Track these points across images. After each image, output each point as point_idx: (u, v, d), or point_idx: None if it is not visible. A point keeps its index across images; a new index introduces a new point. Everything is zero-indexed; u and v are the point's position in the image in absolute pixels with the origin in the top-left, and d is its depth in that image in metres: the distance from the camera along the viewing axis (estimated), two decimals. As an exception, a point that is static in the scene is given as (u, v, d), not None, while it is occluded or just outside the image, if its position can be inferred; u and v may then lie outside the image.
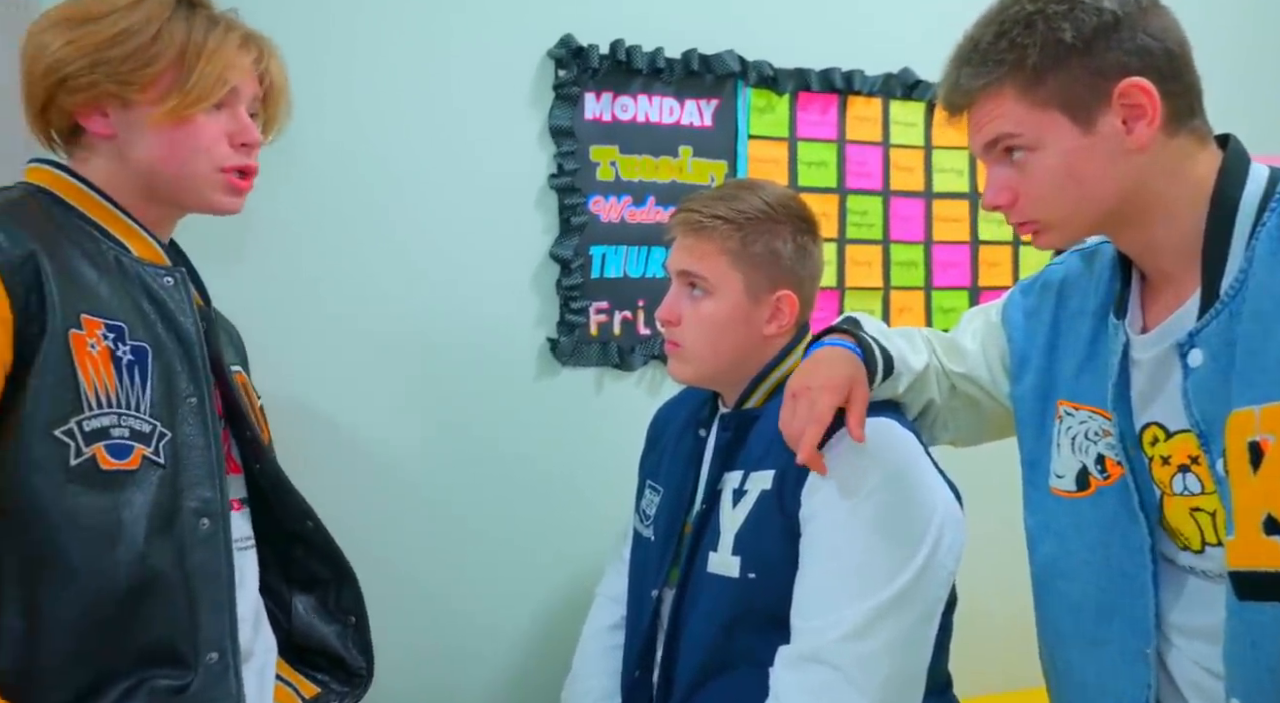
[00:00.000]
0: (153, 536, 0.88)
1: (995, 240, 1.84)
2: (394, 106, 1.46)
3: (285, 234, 1.41)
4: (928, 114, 1.77)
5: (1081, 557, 0.99)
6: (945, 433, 1.18)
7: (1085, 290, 1.03)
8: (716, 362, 1.15)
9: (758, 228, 1.13)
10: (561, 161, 1.53)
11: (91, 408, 0.85)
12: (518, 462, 1.54)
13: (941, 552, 1.01)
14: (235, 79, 0.94)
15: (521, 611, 1.57)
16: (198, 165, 0.94)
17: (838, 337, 1.08)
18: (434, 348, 1.49)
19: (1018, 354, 1.09)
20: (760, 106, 1.66)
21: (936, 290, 1.81)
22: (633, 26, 1.56)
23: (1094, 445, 0.98)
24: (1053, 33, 0.86)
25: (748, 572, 1.07)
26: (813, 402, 1.00)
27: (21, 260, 0.82)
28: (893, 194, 1.77)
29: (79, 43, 0.88)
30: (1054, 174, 0.89)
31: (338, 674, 1.10)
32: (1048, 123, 0.88)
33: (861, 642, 0.98)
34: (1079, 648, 0.99)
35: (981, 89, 0.89)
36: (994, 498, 1.28)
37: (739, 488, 1.12)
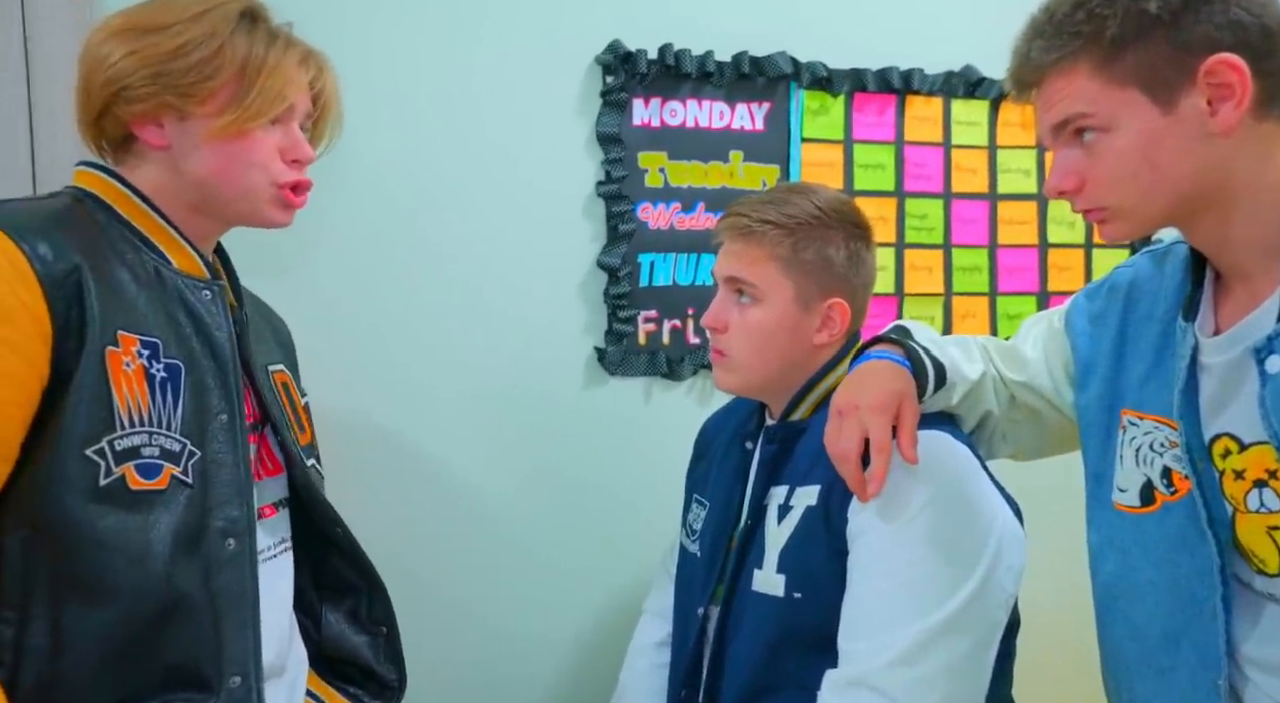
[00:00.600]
0: (179, 556, 0.87)
1: (1065, 244, 1.78)
2: (441, 116, 1.47)
3: (333, 243, 1.43)
4: (992, 113, 1.72)
5: (1146, 577, 0.95)
6: (1005, 446, 1.14)
7: (1155, 293, 0.99)
8: (764, 371, 1.12)
9: (809, 233, 1.10)
10: (609, 169, 1.52)
11: (124, 427, 0.84)
12: (564, 473, 1.54)
13: (1000, 572, 0.97)
14: (294, 96, 0.94)
15: (567, 625, 1.56)
16: (252, 180, 0.94)
17: (884, 347, 1.04)
18: (480, 358, 1.50)
19: (1082, 362, 1.05)
20: (814, 108, 1.63)
21: (1002, 296, 1.76)
22: (682, 30, 1.54)
23: (1160, 458, 0.93)
24: (1136, 3, 0.81)
25: (793, 591, 1.05)
26: (863, 423, 0.96)
27: (65, 274, 0.82)
28: (955, 196, 1.72)
29: (141, 54, 0.88)
30: (1127, 157, 0.84)
31: (369, 687, 1.09)
32: (1124, 101, 0.83)
33: (912, 667, 0.94)
34: (1144, 676, 0.95)
35: (1054, 64, 0.84)
36: (1057, 515, 1.22)
37: (784, 503, 1.09)
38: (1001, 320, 1.74)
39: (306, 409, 1.12)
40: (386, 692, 1.10)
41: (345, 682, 1.09)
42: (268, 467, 1.02)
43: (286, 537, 1.04)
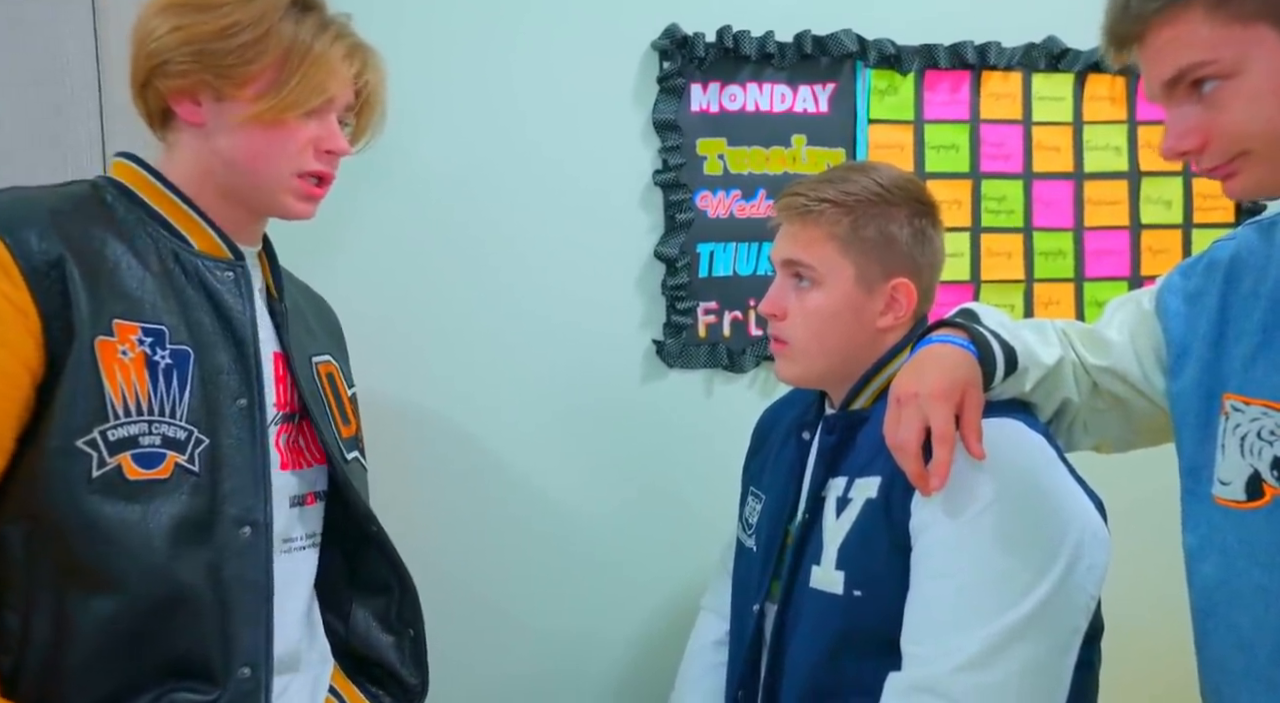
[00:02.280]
0: (183, 546, 0.86)
1: (1161, 224, 1.70)
2: (495, 107, 1.47)
3: (389, 238, 1.44)
4: (1077, 87, 1.65)
5: (1254, 581, 0.88)
6: (1087, 438, 1.08)
7: (1262, 268, 0.92)
8: (826, 359, 1.09)
9: (869, 210, 1.06)
10: (666, 156, 1.50)
11: (118, 417, 0.83)
12: (622, 470, 1.53)
13: (1079, 573, 0.92)
14: (334, 89, 0.93)
15: (624, 625, 1.55)
16: (278, 168, 0.93)
17: (948, 332, 0.99)
18: (535, 352, 1.50)
19: (1176, 345, 0.98)
20: (881, 88, 1.59)
21: (1089, 281, 1.68)
22: (740, 11, 1.51)
23: (1269, 448, 0.87)
24: None
25: (853, 589, 1.01)
26: (923, 411, 0.92)
27: (50, 265, 0.81)
28: (1036, 176, 1.66)
29: (187, 30, 0.88)
30: (1260, 99, 0.77)
31: (391, 687, 1.09)
32: (1251, 40, 0.76)
33: (981, 673, 0.90)
34: (1252, 691, 0.89)
35: (1160, 12, 0.78)
36: (1150, 515, 1.15)
37: (843, 496, 1.05)
38: (1089, 307, 1.67)
39: (353, 400, 1.11)
40: (408, 694, 1.09)
41: (368, 681, 1.09)
42: (313, 456, 1.01)
43: (318, 532, 1.03)
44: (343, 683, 1.06)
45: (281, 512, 0.97)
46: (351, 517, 1.04)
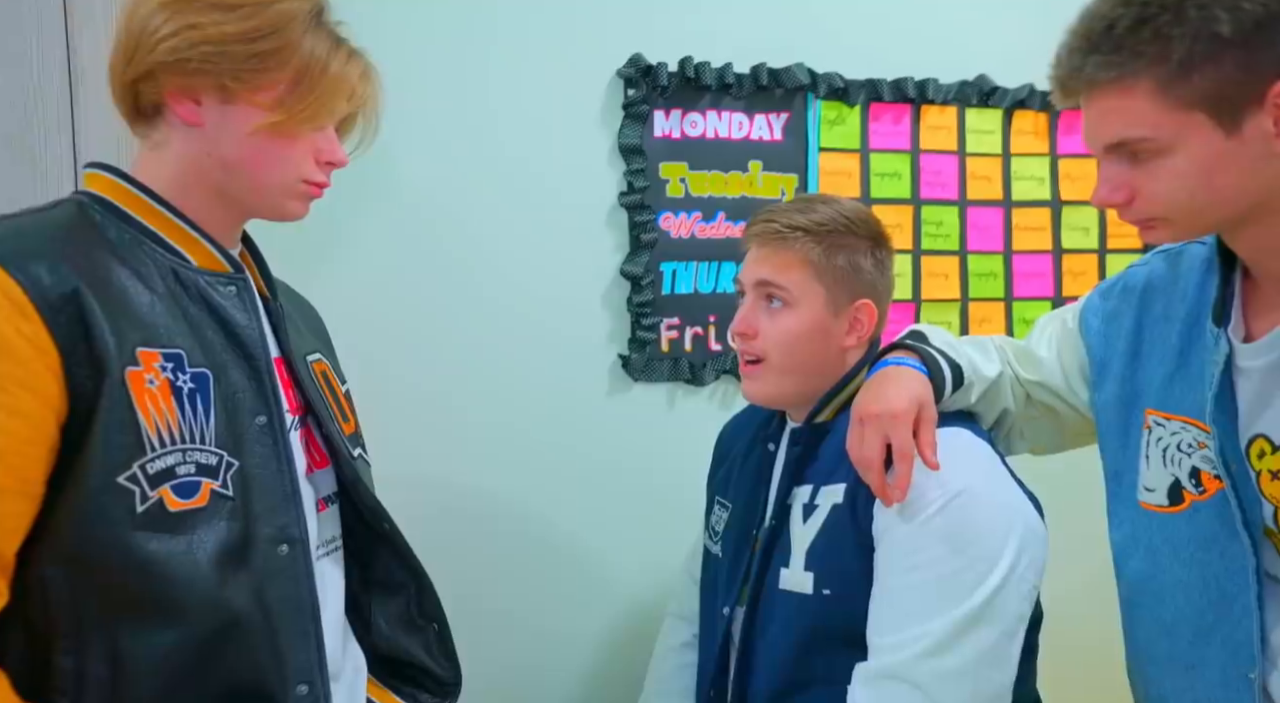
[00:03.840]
0: (228, 572, 0.84)
1: (1079, 248, 1.79)
2: (467, 130, 1.47)
3: (363, 253, 1.43)
4: (1005, 121, 1.73)
5: (1175, 575, 0.94)
6: (1022, 443, 1.14)
7: (1171, 294, 0.98)
8: (795, 377, 1.12)
9: (838, 240, 1.10)
10: (631, 179, 1.53)
11: (154, 449, 0.80)
12: (589, 479, 1.54)
13: (1022, 565, 0.98)
14: (346, 109, 0.91)
15: (593, 628, 1.56)
16: (282, 175, 0.90)
17: (901, 354, 1.04)
18: (505, 366, 1.50)
19: (1097, 361, 1.04)
20: (831, 118, 1.64)
21: (1018, 301, 1.76)
22: (701, 43, 1.55)
23: (1188, 459, 0.92)
24: (1207, 24, 0.76)
25: (822, 588, 1.05)
26: (884, 430, 0.97)
27: (65, 299, 0.77)
28: (970, 204, 1.73)
29: (204, 30, 0.83)
30: (1185, 178, 0.81)
31: (427, 684, 1.07)
32: (1187, 124, 0.79)
33: (942, 659, 0.95)
34: (1173, 672, 0.95)
35: (1112, 82, 0.80)
36: (1074, 512, 1.22)
37: (809, 503, 1.09)
38: (1017, 325, 1.74)
39: (348, 397, 1.08)
40: (444, 688, 1.07)
41: (402, 682, 1.07)
42: (315, 460, 0.98)
43: (338, 536, 1.01)
44: (378, 692, 1.04)
45: (311, 521, 0.94)
46: (361, 517, 1.01)
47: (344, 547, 1.02)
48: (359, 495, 0.99)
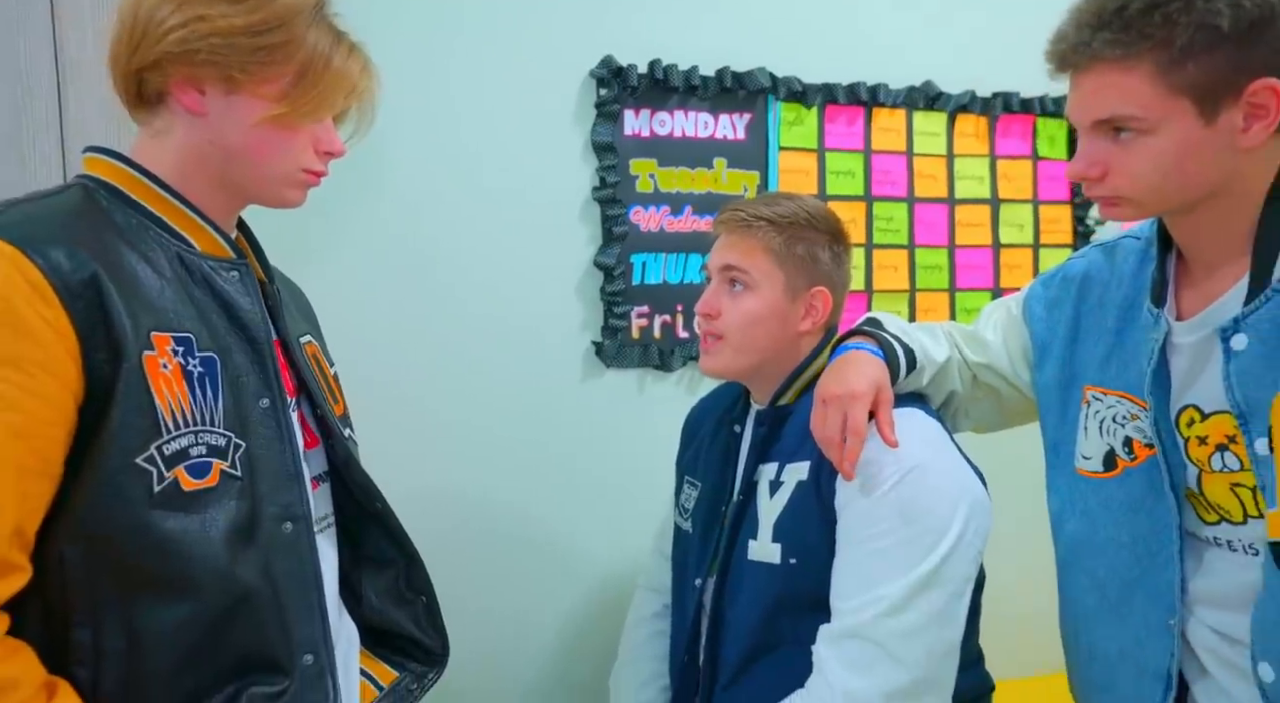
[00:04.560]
0: (238, 549, 0.84)
1: (1016, 244, 1.85)
2: (448, 127, 1.49)
3: (350, 244, 1.44)
4: (949, 124, 1.79)
5: (1108, 534, 0.98)
6: (967, 421, 1.18)
7: (1107, 284, 1.03)
8: (751, 355, 1.15)
9: (799, 232, 1.14)
10: (604, 175, 1.55)
11: (169, 430, 0.79)
12: (564, 458, 1.56)
13: (969, 532, 1.02)
14: (347, 103, 0.91)
15: (566, 601, 1.58)
16: (283, 164, 0.89)
17: (859, 340, 1.08)
18: (485, 353, 1.52)
19: (1039, 344, 1.09)
20: (790, 120, 1.68)
21: (960, 292, 1.82)
22: (669, 47, 1.58)
23: (1122, 429, 0.97)
24: (1210, 17, 0.78)
25: (789, 558, 1.08)
26: (845, 409, 1.00)
27: (83, 284, 0.76)
28: (917, 201, 1.78)
29: (213, 22, 0.82)
30: (1161, 159, 0.84)
31: (416, 654, 1.08)
32: (1174, 109, 0.82)
33: (899, 618, 0.99)
34: (1103, 623, 0.99)
35: (1116, 59, 0.82)
36: (1017, 491, 1.28)
37: (775, 479, 1.12)
38: (960, 314, 1.81)
39: (336, 379, 1.08)
40: (432, 657, 1.08)
41: (392, 652, 1.07)
42: (307, 440, 0.97)
43: (330, 513, 1.00)
44: (370, 663, 1.05)
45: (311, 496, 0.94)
46: (352, 495, 1.01)
47: (338, 523, 1.02)
48: (350, 474, 0.99)
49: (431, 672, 1.07)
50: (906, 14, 1.75)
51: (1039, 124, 1.87)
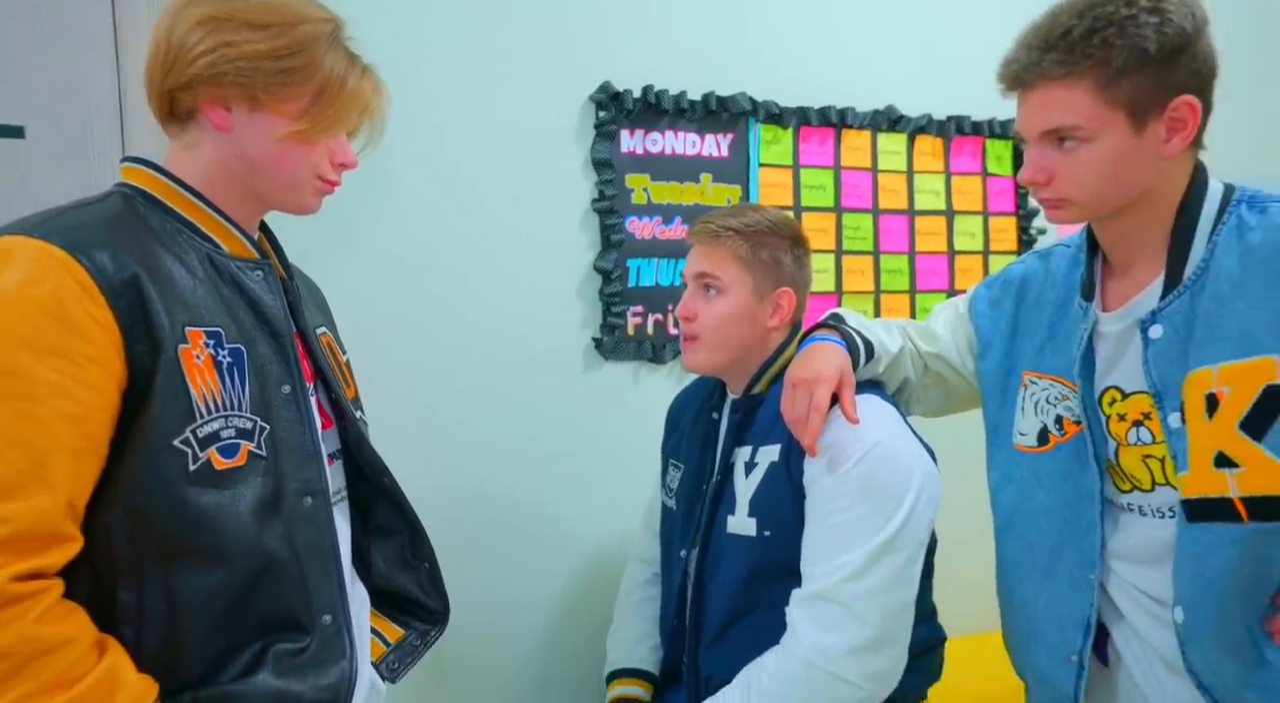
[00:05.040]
0: (264, 521, 0.87)
1: (968, 250, 1.95)
2: (464, 144, 1.54)
3: (373, 249, 1.49)
4: (909, 144, 1.87)
5: (1039, 502, 1.04)
6: (918, 406, 1.24)
7: (1043, 284, 1.09)
8: (726, 352, 1.20)
9: (763, 239, 1.19)
10: (602, 188, 1.62)
11: (202, 415, 0.83)
12: (567, 442, 1.62)
13: (922, 503, 1.08)
14: (361, 120, 0.94)
15: (564, 573, 1.63)
16: (300, 174, 0.92)
17: (824, 332, 1.14)
18: (496, 347, 1.57)
19: (983, 338, 1.15)
20: (768, 139, 1.75)
21: (919, 293, 1.90)
22: (660, 74, 1.66)
23: (1054, 409, 1.03)
24: (1140, 41, 0.85)
25: (764, 530, 1.13)
26: (811, 392, 1.05)
27: (125, 284, 0.79)
28: (881, 212, 1.86)
29: (238, 48, 0.85)
30: (1099, 165, 0.89)
31: (420, 614, 1.11)
32: (1111, 120, 0.87)
33: (861, 581, 1.04)
34: (1033, 581, 1.04)
35: (1062, 77, 0.87)
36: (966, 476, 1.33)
37: (750, 461, 1.17)
38: (919, 313, 1.89)
39: (348, 366, 1.10)
40: (434, 617, 1.12)
41: (399, 613, 1.11)
42: (323, 422, 1.00)
43: (343, 487, 1.03)
44: (379, 622, 1.09)
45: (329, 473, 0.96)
46: (362, 471, 1.04)
47: (347, 498, 1.04)
48: (361, 452, 1.02)
49: (434, 629, 1.11)
50: (872, 46, 1.83)
51: (988, 144, 1.95)
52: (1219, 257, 0.90)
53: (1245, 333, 0.87)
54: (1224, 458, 0.87)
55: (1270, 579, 0.89)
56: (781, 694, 1.06)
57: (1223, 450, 0.87)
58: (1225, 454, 0.87)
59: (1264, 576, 0.88)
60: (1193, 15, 0.87)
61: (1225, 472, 0.87)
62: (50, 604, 0.75)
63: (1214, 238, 0.90)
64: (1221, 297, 0.89)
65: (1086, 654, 0.99)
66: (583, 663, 1.61)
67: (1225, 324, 0.88)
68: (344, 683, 0.91)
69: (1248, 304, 0.87)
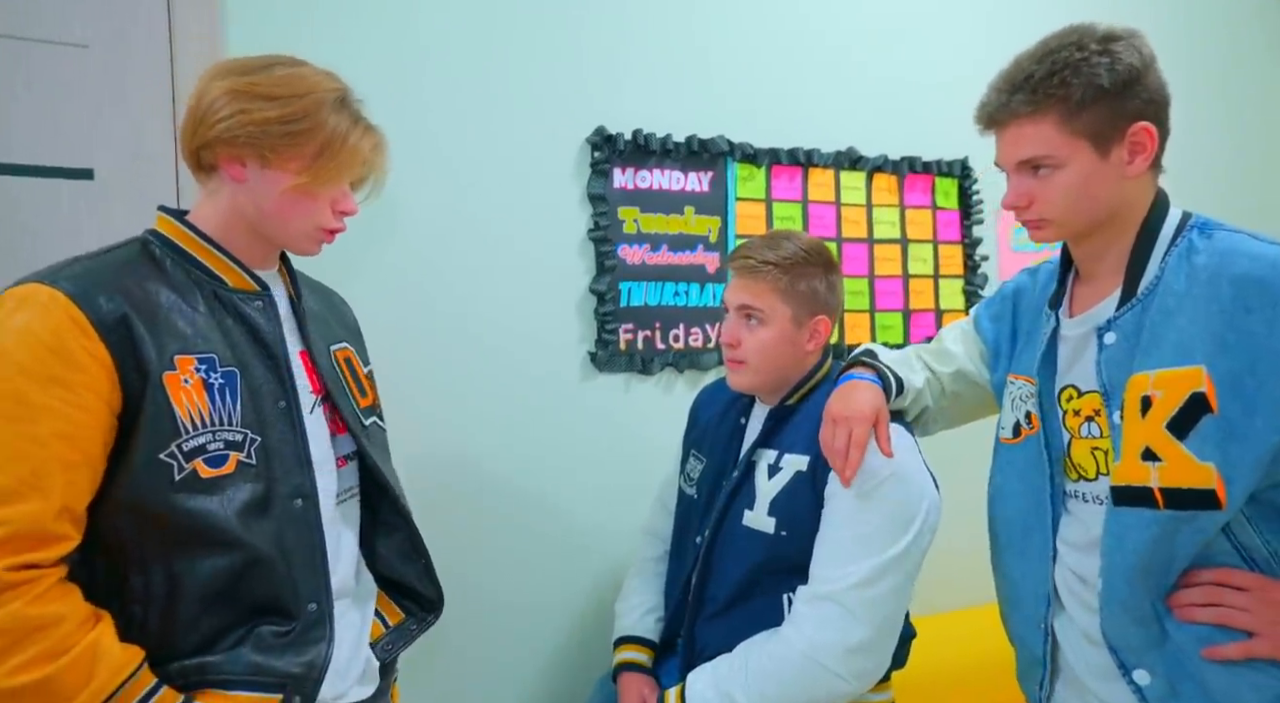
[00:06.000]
0: (252, 521, 0.91)
1: (920, 274, 2.04)
2: (476, 181, 1.62)
3: (391, 274, 1.54)
4: (868, 181, 1.97)
5: (1013, 487, 1.09)
6: (935, 426, 1.29)
7: (1032, 296, 1.14)
8: (768, 375, 1.24)
9: (800, 271, 1.22)
10: (597, 219, 1.70)
11: (187, 431, 0.88)
12: (564, 445, 1.69)
13: (925, 529, 1.13)
14: (360, 175, 1.00)
15: (567, 555, 1.69)
16: (304, 223, 0.98)
17: (862, 370, 1.16)
18: (501, 359, 1.63)
19: (991, 349, 1.19)
20: (744, 176, 1.84)
21: (878, 312, 1.99)
22: (648, 119, 1.75)
23: (1024, 405, 1.07)
24: (1094, 78, 0.90)
25: (781, 530, 1.17)
26: (850, 429, 1.08)
27: (117, 322, 0.86)
28: (844, 240, 1.95)
29: (251, 116, 0.91)
30: (1071, 188, 0.94)
31: (420, 601, 1.16)
32: (1076, 148, 0.92)
33: (867, 589, 1.09)
34: (1011, 554, 1.10)
35: (1029, 114, 0.93)
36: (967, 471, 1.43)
37: (774, 464, 1.21)
38: (879, 330, 1.98)
39: (369, 377, 1.14)
40: (430, 605, 1.16)
41: (402, 597, 1.16)
42: (338, 427, 1.06)
43: (355, 486, 1.09)
44: (384, 605, 1.14)
45: (332, 476, 1.03)
46: (369, 473, 1.09)
47: (359, 494, 1.10)
48: (364, 457, 1.08)
49: (430, 616, 1.16)
50: (835, 96, 1.94)
51: (936, 181, 2.05)
52: (1168, 275, 0.93)
53: (1181, 344, 0.91)
54: (1150, 452, 0.91)
55: (1177, 561, 0.93)
56: (777, 675, 1.11)
57: (1150, 446, 0.91)
58: (1151, 449, 0.91)
59: (1171, 557, 0.93)
60: (1139, 53, 0.93)
61: (1150, 464, 0.91)
62: (43, 591, 0.82)
63: (1166, 258, 0.94)
64: (1167, 310, 0.92)
65: (1049, 623, 1.04)
66: (582, 653, 1.67)
67: (1166, 335, 0.92)
68: (320, 660, 0.96)
69: (1186, 319, 0.91)
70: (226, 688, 0.91)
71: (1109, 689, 0.98)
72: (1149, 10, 2.36)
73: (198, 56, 1.43)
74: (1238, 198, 2.42)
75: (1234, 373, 0.88)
